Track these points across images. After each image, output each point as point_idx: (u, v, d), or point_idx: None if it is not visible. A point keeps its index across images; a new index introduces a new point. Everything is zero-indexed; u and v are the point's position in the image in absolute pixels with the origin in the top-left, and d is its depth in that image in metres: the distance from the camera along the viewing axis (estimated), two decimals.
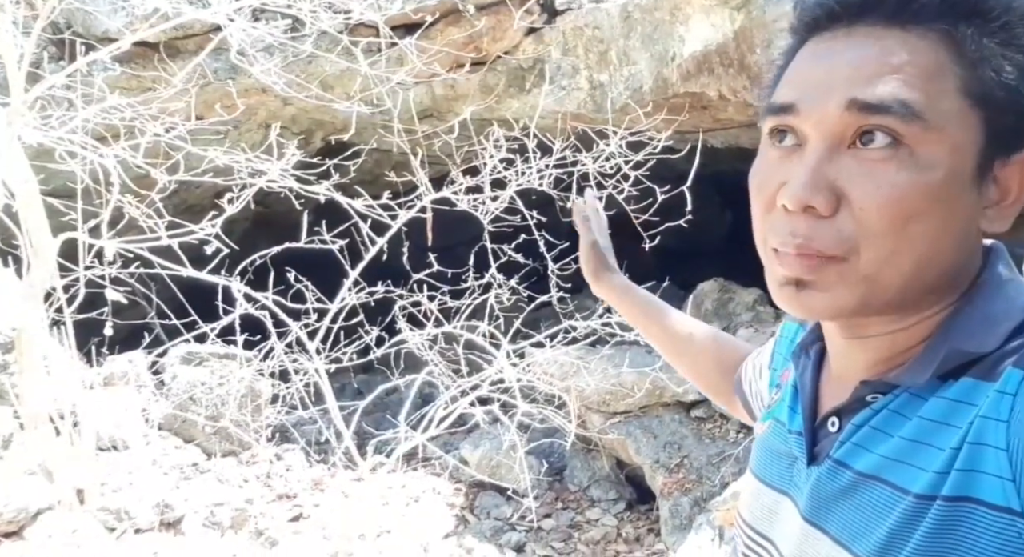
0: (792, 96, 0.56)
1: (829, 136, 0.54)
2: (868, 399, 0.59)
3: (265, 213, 5.95)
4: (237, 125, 4.81)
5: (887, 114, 0.51)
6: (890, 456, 0.56)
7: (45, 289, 3.36)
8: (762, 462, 0.72)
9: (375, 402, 4.52)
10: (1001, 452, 0.49)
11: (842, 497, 0.58)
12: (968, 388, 0.54)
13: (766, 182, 0.58)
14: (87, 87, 3.47)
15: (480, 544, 3.85)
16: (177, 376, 4.53)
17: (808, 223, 0.54)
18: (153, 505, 3.57)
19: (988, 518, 0.48)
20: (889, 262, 0.53)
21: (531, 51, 4.35)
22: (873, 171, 0.52)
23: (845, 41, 0.55)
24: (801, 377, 0.69)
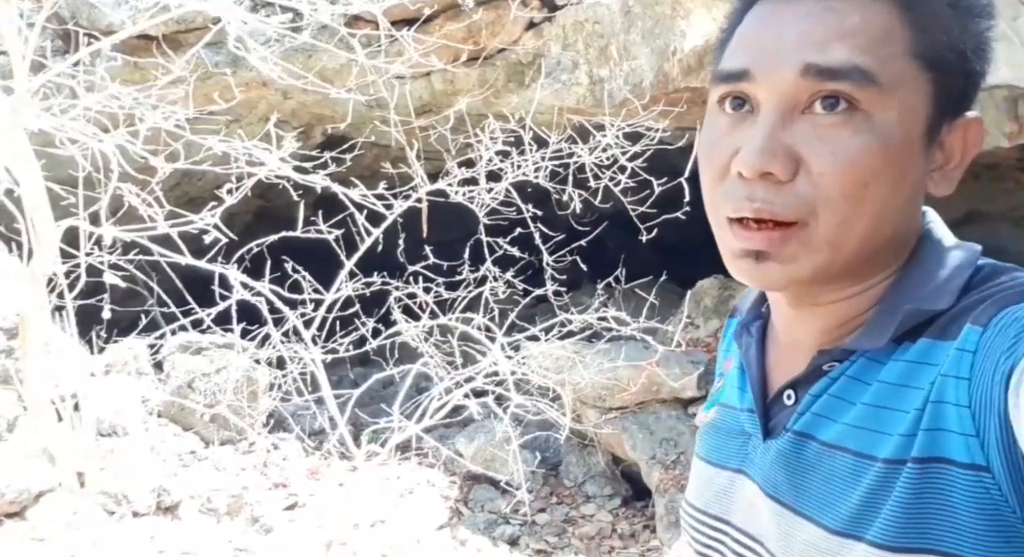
0: (744, 62, 0.55)
1: (783, 101, 0.53)
2: (825, 368, 0.59)
3: (266, 207, 6.00)
4: (238, 118, 4.85)
5: (842, 79, 0.51)
6: (854, 424, 0.55)
7: (47, 275, 3.41)
8: (711, 446, 0.72)
9: (372, 393, 4.55)
10: (964, 409, 0.48)
11: (806, 470, 0.57)
12: (926, 348, 0.53)
13: (717, 150, 0.57)
14: (89, 76, 3.51)
15: (474, 536, 3.87)
16: (176, 364, 4.58)
17: (765, 188, 0.53)
18: (151, 490, 3.61)
19: (958, 476, 0.48)
20: (846, 226, 0.53)
21: (531, 46, 4.36)
22: (829, 136, 0.52)
23: (796, 4, 0.54)
24: (746, 355, 0.68)
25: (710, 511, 0.69)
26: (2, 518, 2.93)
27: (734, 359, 0.75)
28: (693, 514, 0.71)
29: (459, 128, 3.79)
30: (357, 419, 4.71)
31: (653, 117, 3.62)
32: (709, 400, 0.77)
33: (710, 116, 0.59)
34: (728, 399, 0.72)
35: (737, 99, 0.56)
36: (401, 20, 4.28)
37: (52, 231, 3.31)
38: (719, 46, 0.63)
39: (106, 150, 3.14)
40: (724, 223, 0.57)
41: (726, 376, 0.75)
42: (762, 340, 0.68)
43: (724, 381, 0.76)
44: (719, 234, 0.58)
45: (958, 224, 5.54)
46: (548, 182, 3.58)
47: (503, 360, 3.31)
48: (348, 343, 3.58)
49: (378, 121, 4.17)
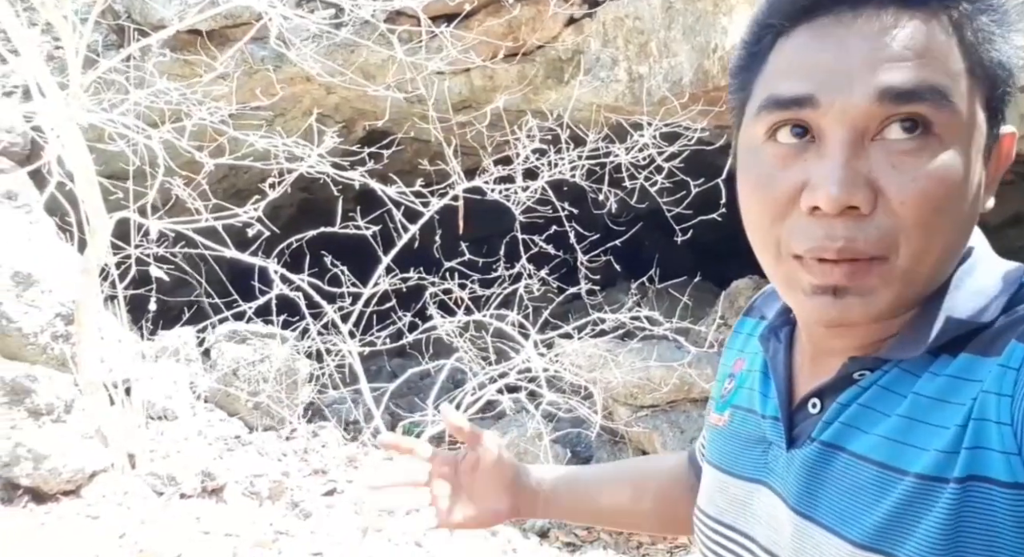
0: (807, 87, 0.51)
1: (855, 128, 0.50)
2: (855, 376, 0.57)
3: (309, 200, 6.13)
4: (283, 112, 4.96)
5: (920, 101, 0.49)
6: (887, 436, 0.53)
7: (100, 265, 3.56)
8: (726, 452, 0.69)
9: (410, 383, 4.64)
10: (1006, 427, 0.47)
11: (832, 481, 0.55)
12: (968, 363, 0.51)
13: (775, 185, 0.53)
14: (139, 72, 3.63)
15: (504, 528, 3.92)
16: (223, 352, 4.73)
17: (846, 224, 0.50)
18: (197, 473, 3.76)
19: (999, 495, 0.47)
20: (924, 256, 0.51)
21: (570, 42, 4.35)
22: (906, 163, 0.50)
23: (852, 25, 0.50)
24: (773, 359, 0.66)
25: (724, 520, 0.67)
26: (59, 495, 3.09)
27: (747, 360, 0.73)
28: (706, 521, 0.69)
29: (497, 125, 3.81)
30: (396, 409, 4.82)
31: (692, 116, 3.58)
32: (721, 401, 0.74)
33: (753, 147, 0.55)
34: (744, 402, 0.70)
35: (797, 127, 0.53)
36: (442, 15, 4.31)
37: (104, 223, 3.46)
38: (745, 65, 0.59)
39: (154, 146, 3.25)
40: (792, 262, 0.54)
41: (738, 377, 0.73)
42: (789, 346, 0.66)
43: (736, 382, 0.73)
44: (781, 270, 0.55)
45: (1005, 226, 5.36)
46: (585, 181, 3.58)
47: (536, 357, 3.35)
48: (385, 336, 3.66)
49: (417, 117, 4.22)
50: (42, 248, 4.16)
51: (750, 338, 0.76)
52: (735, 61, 0.60)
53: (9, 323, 3.91)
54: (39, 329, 3.99)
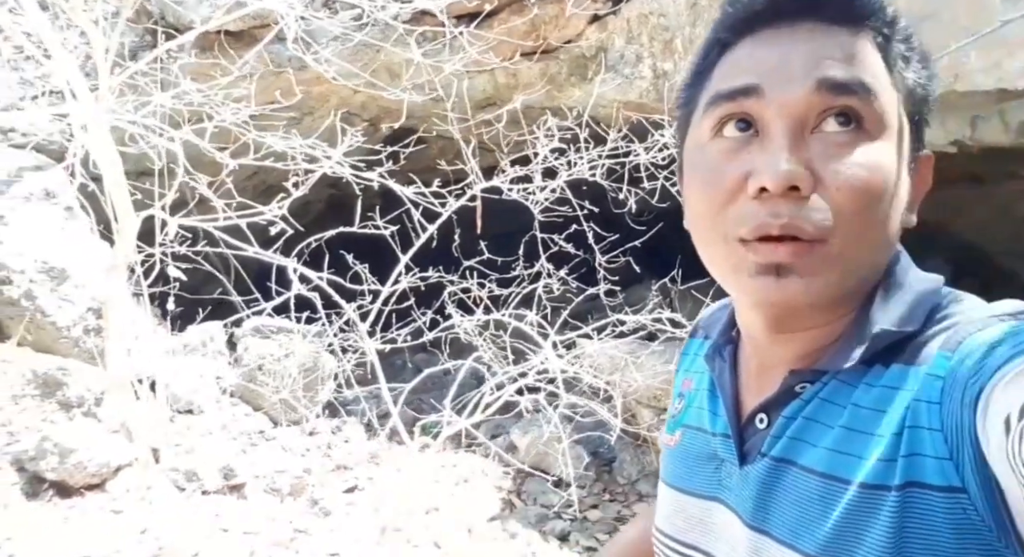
0: (752, 78, 0.55)
1: (795, 119, 0.54)
2: (797, 390, 0.59)
3: (337, 195, 6.18)
4: (311, 111, 5.00)
5: (853, 95, 0.53)
6: (831, 448, 0.55)
7: (128, 262, 3.63)
8: (680, 472, 0.70)
9: (433, 379, 4.64)
10: (936, 433, 0.49)
11: (784, 495, 0.57)
12: (899, 373, 0.54)
13: (720, 175, 0.57)
14: (167, 74, 3.69)
15: (524, 530, 3.90)
16: (249, 348, 4.80)
17: (789, 204, 0.53)
18: (219, 468, 3.82)
19: (936, 500, 0.49)
20: (860, 242, 0.54)
21: (594, 39, 4.29)
22: (842, 153, 0.53)
23: (792, 34, 0.55)
24: (719, 377, 0.68)
25: (686, 540, 0.68)
26: (83, 490, 3.15)
27: (694, 379, 0.75)
28: (667, 542, 0.70)
29: (518, 123, 3.78)
30: (418, 405, 4.82)
31: None
32: (671, 422, 0.76)
33: (700, 145, 0.59)
34: (694, 421, 0.71)
35: (742, 121, 0.56)
36: (466, 14, 4.29)
37: (131, 221, 3.52)
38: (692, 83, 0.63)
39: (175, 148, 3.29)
40: (736, 245, 0.56)
41: (687, 397, 0.75)
42: (733, 363, 0.68)
43: (685, 402, 0.75)
44: (724, 253, 0.58)
45: None
46: (605, 180, 3.53)
47: (554, 358, 3.31)
48: (405, 334, 3.66)
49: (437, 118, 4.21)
50: (76, 244, 4.27)
51: (696, 358, 0.78)
52: (683, 80, 0.64)
53: (43, 317, 4.02)
54: (72, 323, 4.09)
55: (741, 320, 0.66)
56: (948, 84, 2.80)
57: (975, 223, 5.30)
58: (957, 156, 3.29)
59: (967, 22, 2.50)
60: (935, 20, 2.68)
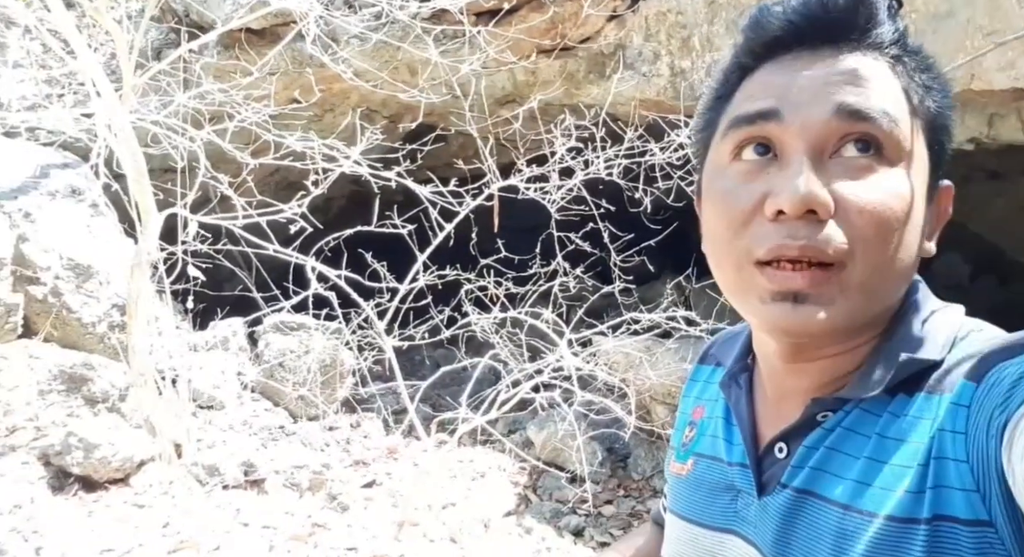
0: (772, 103, 0.55)
1: (815, 143, 0.53)
2: (819, 418, 0.58)
3: (358, 192, 6.22)
4: (332, 108, 5.04)
5: (873, 122, 0.53)
6: (857, 479, 0.54)
7: (151, 260, 3.69)
8: (693, 502, 0.69)
9: (452, 374, 4.68)
10: (963, 464, 0.49)
11: (806, 527, 0.56)
12: (924, 403, 0.53)
13: (737, 198, 0.56)
14: (187, 74, 3.74)
15: (539, 525, 3.92)
16: (269, 344, 4.86)
17: (808, 226, 0.52)
18: (240, 464, 3.88)
19: (963, 533, 0.48)
20: (879, 270, 0.53)
21: (612, 37, 4.28)
22: (860, 178, 0.53)
23: (812, 59, 0.55)
24: (736, 405, 0.67)
25: None
26: (107, 484, 3.22)
27: (707, 407, 0.74)
28: None
29: (535, 122, 3.78)
30: (436, 402, 4.86)
31: None
32: (683, 450, 0.74)
33: (719, 167, 0.59)
34: (708, 450, 0.69)
35: (760, 145, 0.56)
36: (486, 12, 4.30)
37: (154, 219, 3.58)
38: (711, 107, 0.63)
39: (197, 147, 3.34)
40: (753, 269, 0.55)
41: (699, 425, 0.73)
42: (749, 391, 0.67)
43: (698, 430, 0.73)
44: (744, 281, 0.56)
45: None
46: (621, 179, 3.53)
47: (569, 355, 3.32)
48: (423, 331, 3.69)
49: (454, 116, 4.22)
50: (101, 241, 4.35)
51: (708, 385, 0.77)
52: (701, 106, 0.65)
53: (69, 313, 4.10)
54: (96, 319, 4.17)
55: (758, 347, 0.65)
56: (965, 83, 2.77)
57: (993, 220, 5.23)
58: (975, 153, 3.24)
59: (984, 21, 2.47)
60: (952, 19, 2.64)
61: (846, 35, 0.55)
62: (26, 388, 3.49)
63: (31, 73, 4.58)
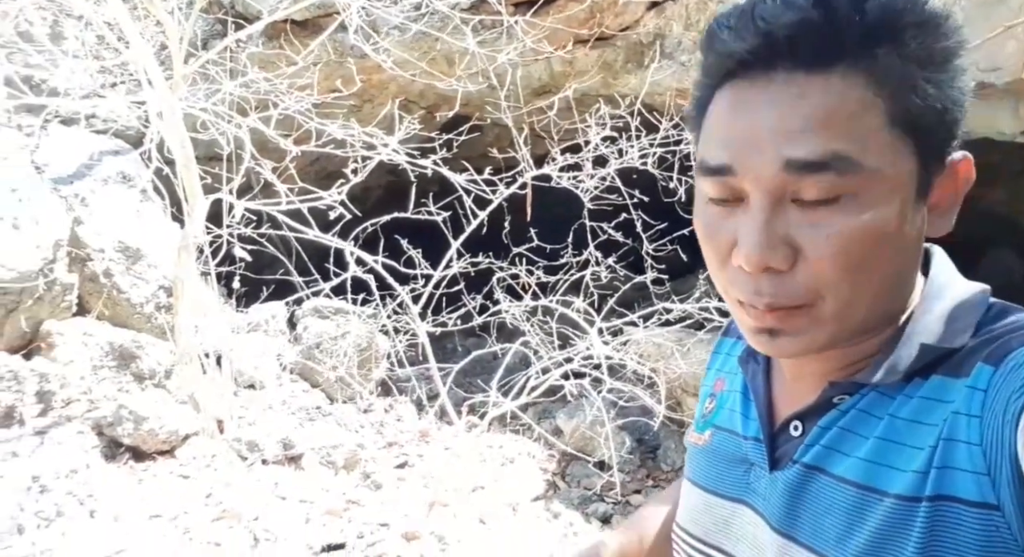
0: (724, 157, 0.54)
1: (770, 193, 0.53)
2: (835, 401, 0.59)
3: (396, 182, 6.33)
4: (371, 99, 5.13)
5: (825, 171, 0.50)
6: (866, 458, 0.55)
7: (197, 243, 3.83)
8: (708, 472, 0.70)
9: (483, 363, 4.75)
10: (975, 447, 0.49)
11: (815, 503, 0.57)
12: (939, 385, 0.53)
13: (715, 237, 0.57)
14: (236, 63, 3.86)
15: (567, 510, 3.98)
16: (308, 327, 5.00)
17: (770, 280, 0.54)
18: (279, 440, 4.02)
19: (967, 514, 0.48)
20: (852, 302, 0.54)
21: (652, 26, 4.27)
22: (820, 223, 0.52)
23: (765, 91, 0.52)
24: (753, 381, 0.68)
25: (709, 540, 0.68)
26: (155, 455, 3.38)
27: (727, 380, 0.75)
28: (689, 541, 0.70)
29: (570, 112, 3.81)
30: (467, 387, 4.94)
31: None
32: (702, 421, 0.76)
33: (702, 198, 0.59)
34: (725, 423, 0.71)
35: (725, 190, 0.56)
36: (524, 2, 4.33)
37: (201, 203, 3.71)
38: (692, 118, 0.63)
39: (242, 134, 3.45)
40: (737, 304, 0.58)
41: (719, 397, 0.75)
42: (767, 368, 0.68)
43: (717, 402, 0.75)
44: (732, 309, 0.60)
45: None
46: (655, 169, 3.53)
47: (599, 344, 3.35)
48: (456, 318, 3.76)
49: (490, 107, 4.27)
50: (150, 225, 4.52)
51: (729, 358, 0.78)
52: (688, 108, 0.64)
53: (119, 293, 4.28)
54: (145, 300, 4.34)
55: None
56: (1017, 72, 2.71)
57: None
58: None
59: None
60: (1004, 5, 2.59)
61: (802, 52, 0.51)
62: (80, 363, 3.67)
63: (86, 63, 4.77)
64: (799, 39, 0.51)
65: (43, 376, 3.37)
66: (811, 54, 0.51)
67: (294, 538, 2.89)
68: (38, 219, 3.72)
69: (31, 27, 4.12)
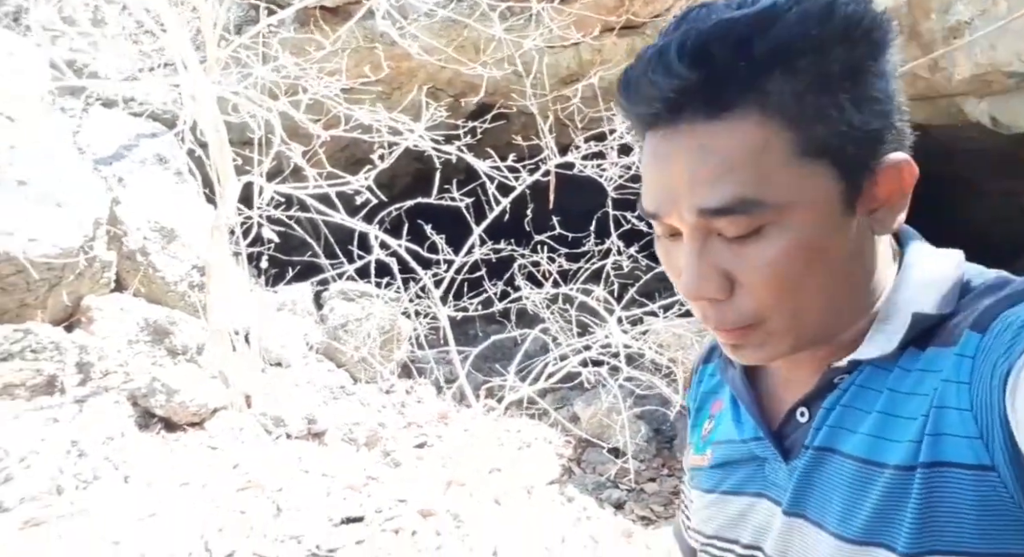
0: (650, 205, 0.58)
1: (696, 232, 0.56)
2: (835, 381, 0.60)
3: (422, 169, 6.41)
4: (399, 86, 5.20)
5: (733, 214, 0.53)
6: (869, 433, 0.56)
7: (229, 224, 3.95)
8: (716, 479, 0.71)
9: (504, 350, 4.83)
10: (966, 413, 0.50)
11: (827, 481, 0.58)
12: (933, 357, 0.55)
13: (668, 266, 0.61)
14: (267, 48, 3.95)
15: (581, 495, 4.05)
16: (334, 309, 5.12)
17: (712, 308, 0.57)
18: (303, 417, 4.14)
19: (964, 477, 0.50)
20: (800, 313, 0.56)
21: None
22: (746, 253, 0.54)
23: (674, 141, 0.54)
24: (733, 384, 0.70)
25: (723, 535, 0.69)
26: (186, 426, 3.52)
27: (724, 399, 0.75)
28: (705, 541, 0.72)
29: (595, 101, 3.83)
30: (488, 371, 5.02)
31: None
32: (700, 444, 0.76)
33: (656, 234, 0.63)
34: (723, 436, 0.72)
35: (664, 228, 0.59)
36: None
37: (233, 185, 3.83)
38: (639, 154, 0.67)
39: (273, 118, 3.54)
40: None
41: (717, 417, 0.75)
42: (745, 369, 0.70)
43: (715, 422, 0.75)
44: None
45: None
46: None
47: (618, 333, 3.40)
48: (477, 303, 3.83)
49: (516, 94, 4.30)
50: (184, 206, 4.66)
51: (712, 378, 0.80)
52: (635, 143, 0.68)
53: (155, 271, 4.43)
54: (178, 278, 4.49)
55: None
56: None
57: None
58: None
59: None
60: None
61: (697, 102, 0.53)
62: (117, 337, 3.82)
63: (126, 47, 4.91)
64: (684, 101, 0.52)
65: (83, 348, 3.52)
66: (702, 108, 0.52)
67: (315, 509, 3.01)
68: (80, 198, 3.87)
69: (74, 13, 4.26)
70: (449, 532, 3.20)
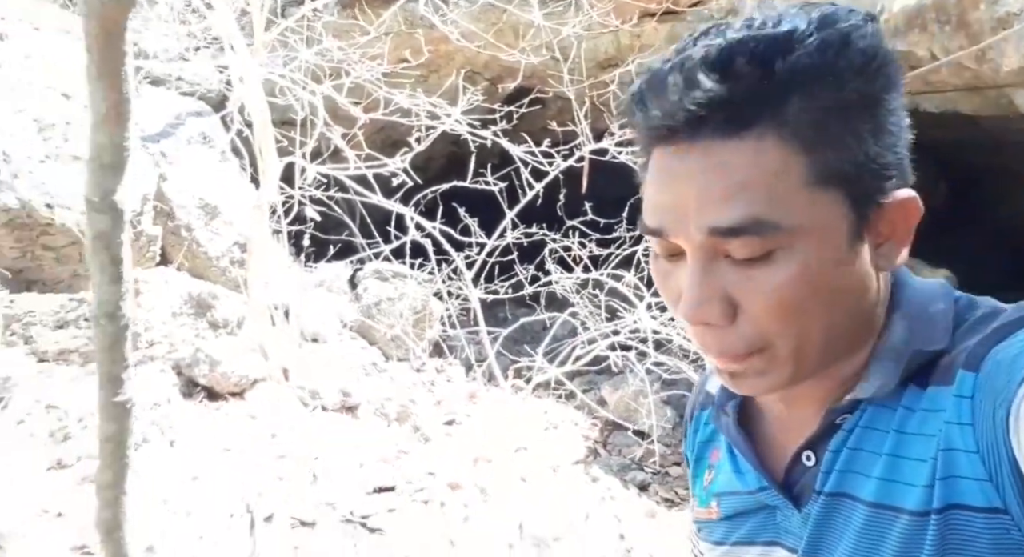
0: (656, 222, 0.56)
1: (702, 253, 0.54)
2: (838, 422, 0.59)
3: (457, 153, 6.49)
4: (437, 69, 5.27)
5: (746, 235, 0.52)
6: (882, 476, 0.56)
7: (270, 203, 4.08)
8: (725, 531, 0.70)
9: (532, 333, 4.90)
10: (973, 455, 0.50)
11: (837, 527, 0.58)
12: (934, 396, 0.54)
13: (665, 287, 0.59)
14: (312, 31, 4.04)
15: (606, 476, 4.12)
16: (368, 288, 5.25)
17: (713, 334, 0.55)
18: (338, 390, 4.28)
19: (977, 521, 0.50)
20: (802, 342, 0.55)
21: (725, 1, 4.25)
22: (752, 277, 0.53)
23: (687, 158, 0.53)
24: (728, 433, 0.68)
25: None
26: (227, 395, 3.67)
27: (721, 448, 0.74)
28: None
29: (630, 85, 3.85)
30: (517, 352, 5.11)
31: None
32: (703, 496, 0.75)
33: (653, 253, 0.61)
34: (726, 487, 0.71)
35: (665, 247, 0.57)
36: None
37: (275, 165, 3.95)
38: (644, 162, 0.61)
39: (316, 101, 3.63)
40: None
41: (717, 467, 0.74)
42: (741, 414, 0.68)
43: (715, 472, 0.74)
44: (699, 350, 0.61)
45: None
46: None
47: (647, 318, 3.45)
48: (507, 286, 3.91)
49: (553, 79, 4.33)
50: (227, 184, 4.80)
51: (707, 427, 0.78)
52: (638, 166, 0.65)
53: (198, 247, 4.59)
54: (221, 254, 4.65)
55: None
56: None
57: None
58: None
59: None
60: None
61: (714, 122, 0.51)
62: (161, 309, 3.99)
63: (174, 27, 5.04)
64: (707, 116, 0.51)
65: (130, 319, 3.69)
66: (722, 125, 0.51)
67: (349, 478, 3.14)
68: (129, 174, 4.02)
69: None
70: (476, 505, 3.30)
